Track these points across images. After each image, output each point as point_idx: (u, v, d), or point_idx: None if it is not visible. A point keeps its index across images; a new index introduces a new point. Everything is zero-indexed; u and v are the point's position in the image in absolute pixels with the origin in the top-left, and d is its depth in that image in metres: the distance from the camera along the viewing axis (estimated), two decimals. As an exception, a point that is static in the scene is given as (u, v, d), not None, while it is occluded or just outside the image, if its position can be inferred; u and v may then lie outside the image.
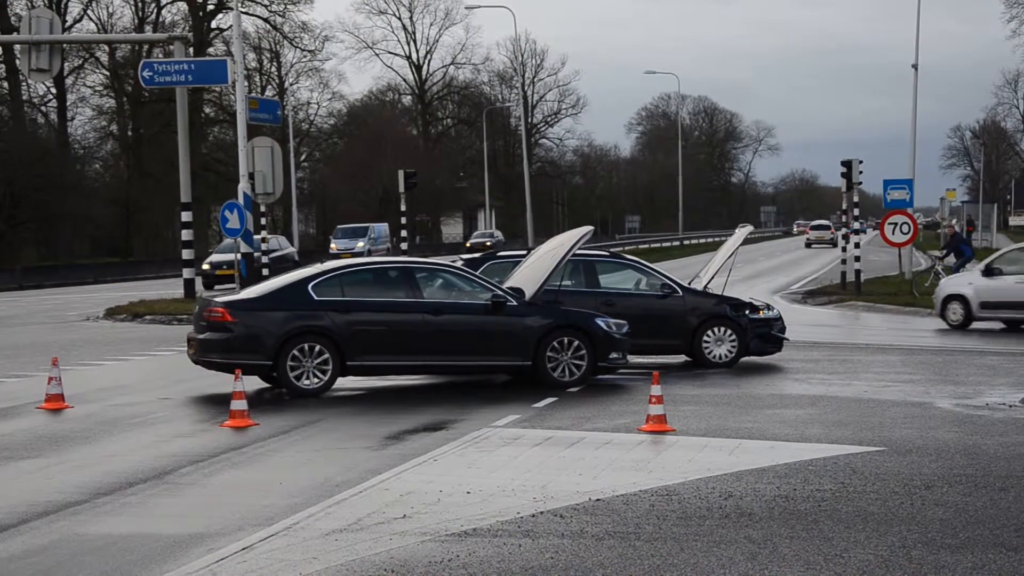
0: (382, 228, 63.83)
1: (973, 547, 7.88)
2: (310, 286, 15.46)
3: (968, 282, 25.51)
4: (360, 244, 58.75)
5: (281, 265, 37.42)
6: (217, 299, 15.82)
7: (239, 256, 29.08)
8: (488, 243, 69.68)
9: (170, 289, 37.88)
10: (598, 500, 9.16)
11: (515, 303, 15.87)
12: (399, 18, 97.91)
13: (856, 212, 35.90)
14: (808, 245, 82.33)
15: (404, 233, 44.77)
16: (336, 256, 57.45)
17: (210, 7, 74.64)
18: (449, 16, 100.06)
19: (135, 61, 61.36)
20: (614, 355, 16.04)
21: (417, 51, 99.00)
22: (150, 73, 31.52)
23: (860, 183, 35.36)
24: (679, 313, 18.23)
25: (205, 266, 41.07)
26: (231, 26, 46.54)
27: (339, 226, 64.77)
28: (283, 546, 7.94)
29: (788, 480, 9.89)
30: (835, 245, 66.24)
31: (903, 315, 29.13)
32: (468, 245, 70.07)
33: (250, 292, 16.35)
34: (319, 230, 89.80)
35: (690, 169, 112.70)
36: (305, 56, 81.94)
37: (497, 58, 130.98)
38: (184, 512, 9.22)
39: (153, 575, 7.46)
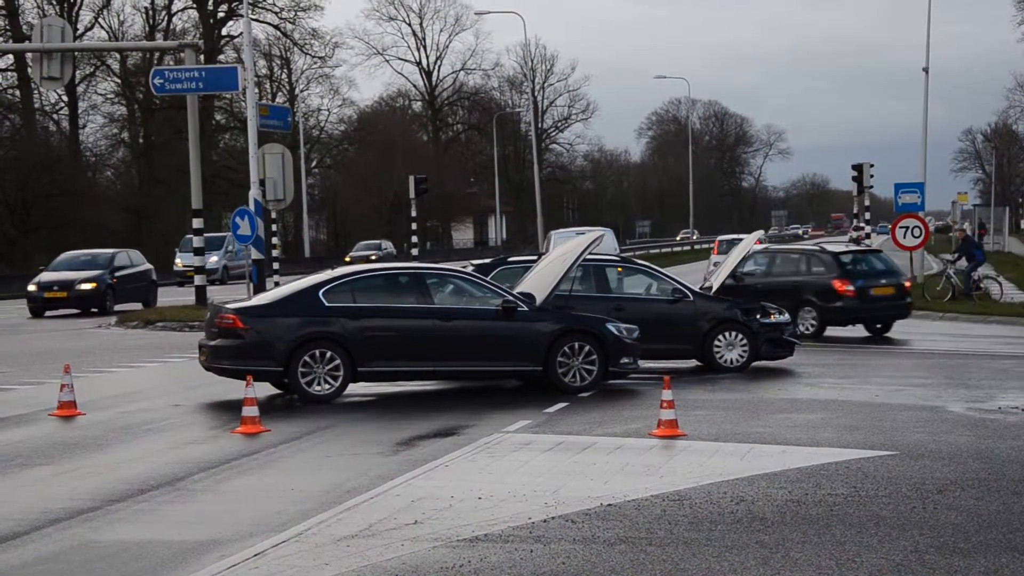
0: None
1: (986, 551, 7.85)
2: (321, 292, 15.48)
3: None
4: (214, 258, 49.41)
5: (131, 284, 33.86)
6: (228, 305, 15.85)
7: (250, 263, 29.10)
8: (373, 256, 58.87)
9: (181, 296, 37.95)
10: (609, 505, 9.15)
11: (526, 308, 15.87)
12: (409, 24, 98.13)
13: (868, 215, 35.84)
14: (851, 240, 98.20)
15: (415, 239, 44.78)
16: (180, 274, 49.07)
17: (220, 15, 74.81)
18: (459, 22, 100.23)
19: (146, 69, 61.50)
20: (625, 360, 16.03)
21: (427, 57, 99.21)
22: (161, 80, 31.61)
23: (871, 187, 35.36)
24: (690, 318, 18.21)
25: (31, 287, 34.10)
26: (241, 33, 46.66)
27: (188, 236, 54.76)
28: (294, 552, 7.95)
29: (800, 484, 9.87)
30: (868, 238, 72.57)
31: (915, 319, 28.99)
32: (347, 260, 58.82)
33: (262, 298, 16.38)
34: (330, 237, 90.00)
35: (700, 174, 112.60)
36: (315, 63, 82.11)
37: (507, 63, 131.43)
38: (196, 519, 9.23)
39: (165, 581, 7.47)
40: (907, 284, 24.88)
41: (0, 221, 60.42)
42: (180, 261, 50.87)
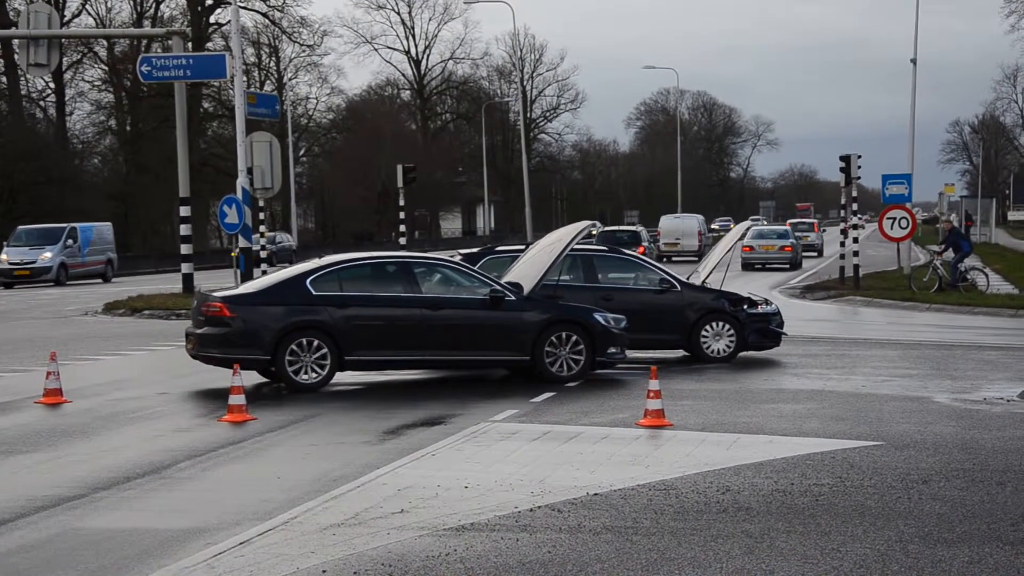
0: (93, 230, 46.45)
1: (970, 541, 7.89)
2: (308, 281, 15.46)
3: None
4: (47, 255, 43.37)
5: None
6: (215, 294, 15.82)
7: (237, 251, 29.03)
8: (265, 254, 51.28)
9: (168, 284, 37.86)
10: (595, 494, 9.17)
11: (513, 298, 15.87)
12: (398, 13, 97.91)
13: (855, 207, 35.89)
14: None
15: (403, 228, 44.72)
16: (7, 273, 42.97)
17: (208, 2, 74.48)
18: (448, 11, 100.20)
19: (134, 56, 61.27)
20: (612, 350, 16.04)
21: (416, 46, 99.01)
22: (148, 68, 31.49)
23: (859, 178, 35.35)
24: (677, 308, 18.23)
25: None
26: (229, 21, 46.51)
27: (20, 227, 46.44)
28: (281, 540, 7.95)
29: (785, 474, 9.89)
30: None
31: (901, 310, 29.15)
32: (234, 254, 52.98)
33: (248, 287, 16.36)
34: (318, 225, 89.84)
35: (689, 164, 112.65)
36: (304, 51, 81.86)
37: (496, 53, 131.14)
38: (181, 507, 9.23)
39: (150, 569, 7.46)
40: None
41: (-14, 208, 60.22)
42: (6, 257, 43.64)
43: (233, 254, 25.48)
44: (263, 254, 30.26)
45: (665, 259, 54.20)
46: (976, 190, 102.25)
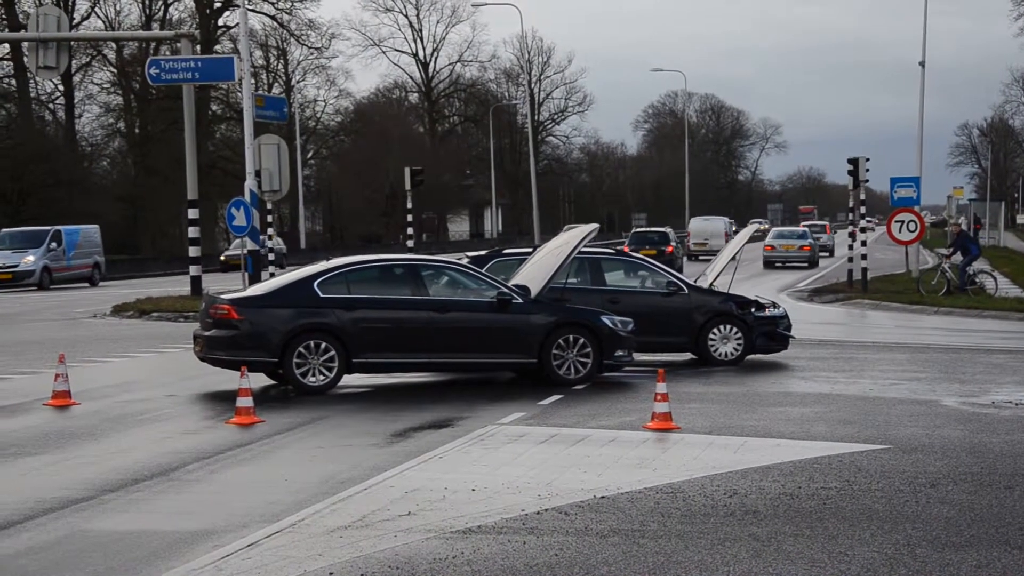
0: (79, 233, 45.34)
1: (978, 545, 7.87)
2: (316, 283, 15.47)
3: None
4: (30, 258, 42.35)
5: None
6: (223, 296, 15.84)
7: (245, 253, 29.07)
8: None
9: (177, 286, 37.93)
10: (603, 498, 9.17)
11: (521, 300, 15.87)
12: (406, 16, 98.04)
13: (863, 209, 35.81)
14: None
15: (411, 230, 44.72)
16: None
17: (217, 5, 74.67)
18: (456, 14, 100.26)
19: (142, 59, 61.43)
20: (620, 353, 16.04)
21: (424, 49, 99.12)
22: (157, 71, 31.54)
23: (867, 181, 35.29)
24: (685, 311, 18.22)
25: None
26: (238, 24, 46.61)
27: (4, 230, 45.31)
28: (288, 543, 7.96)
29: (793, 478, 9.88)
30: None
31: (909, 313, 29.11)
32: (223, 258, 52.17)
33: (256, 289, 16.38)
34: (325, 228, 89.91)
35: (697, 167, 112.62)
36: (312, 54, 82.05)
37: (504, 56, 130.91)
38: (189, 509, 9.24)
39: (158, 571, 7.48)
40: None
41: (-5, 211, 60.35)
42: None
43: (222, 258, 25.45)
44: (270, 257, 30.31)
45: (694, 258, 57.93)
46: (985, 193, 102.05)
